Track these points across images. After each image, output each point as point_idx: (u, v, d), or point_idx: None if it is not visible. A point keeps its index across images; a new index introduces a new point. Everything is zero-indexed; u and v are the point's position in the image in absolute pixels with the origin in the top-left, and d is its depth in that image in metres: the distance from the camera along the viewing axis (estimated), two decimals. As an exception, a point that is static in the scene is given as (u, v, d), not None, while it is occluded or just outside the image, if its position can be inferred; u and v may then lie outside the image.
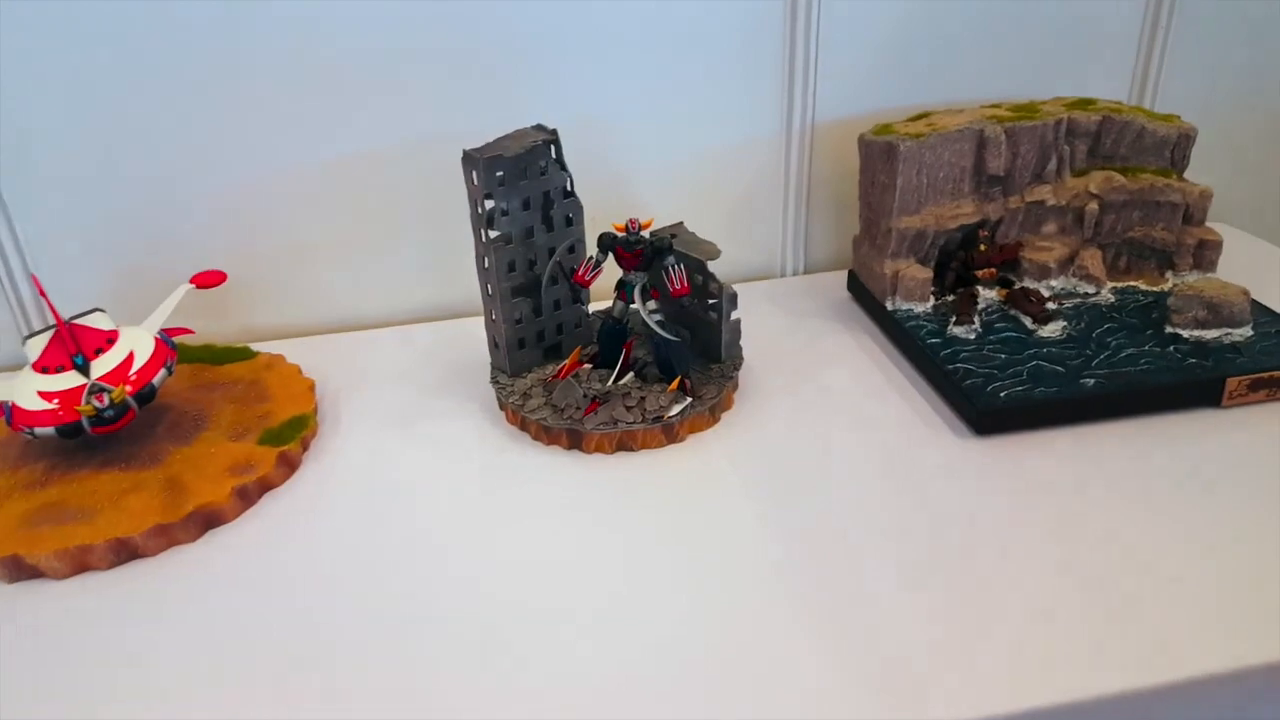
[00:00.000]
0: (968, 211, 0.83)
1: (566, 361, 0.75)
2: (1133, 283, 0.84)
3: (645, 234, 0.70)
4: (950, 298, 0.83)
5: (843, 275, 0.93)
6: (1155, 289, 0.83)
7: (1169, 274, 0.84)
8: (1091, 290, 0.83)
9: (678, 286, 0.69)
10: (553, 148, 0.73)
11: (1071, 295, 0.83)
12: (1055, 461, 0.67)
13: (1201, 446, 0.67)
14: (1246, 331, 0.75)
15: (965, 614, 0.55)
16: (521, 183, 0.71)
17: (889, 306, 0.83)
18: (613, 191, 0.93)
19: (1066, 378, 0.71)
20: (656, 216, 0.80)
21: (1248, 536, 0.59)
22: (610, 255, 0.71)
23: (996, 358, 0.74)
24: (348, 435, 0.73)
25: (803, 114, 0.92)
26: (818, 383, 0.78)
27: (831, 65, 0.91)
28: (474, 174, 0.70)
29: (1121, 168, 0.84)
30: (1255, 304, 0.78)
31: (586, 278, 0.71)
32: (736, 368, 0.75)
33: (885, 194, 0.82)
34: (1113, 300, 0.82)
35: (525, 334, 0.76)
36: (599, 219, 0.77)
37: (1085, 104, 0.85)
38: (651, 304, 0.71)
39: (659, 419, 0.69)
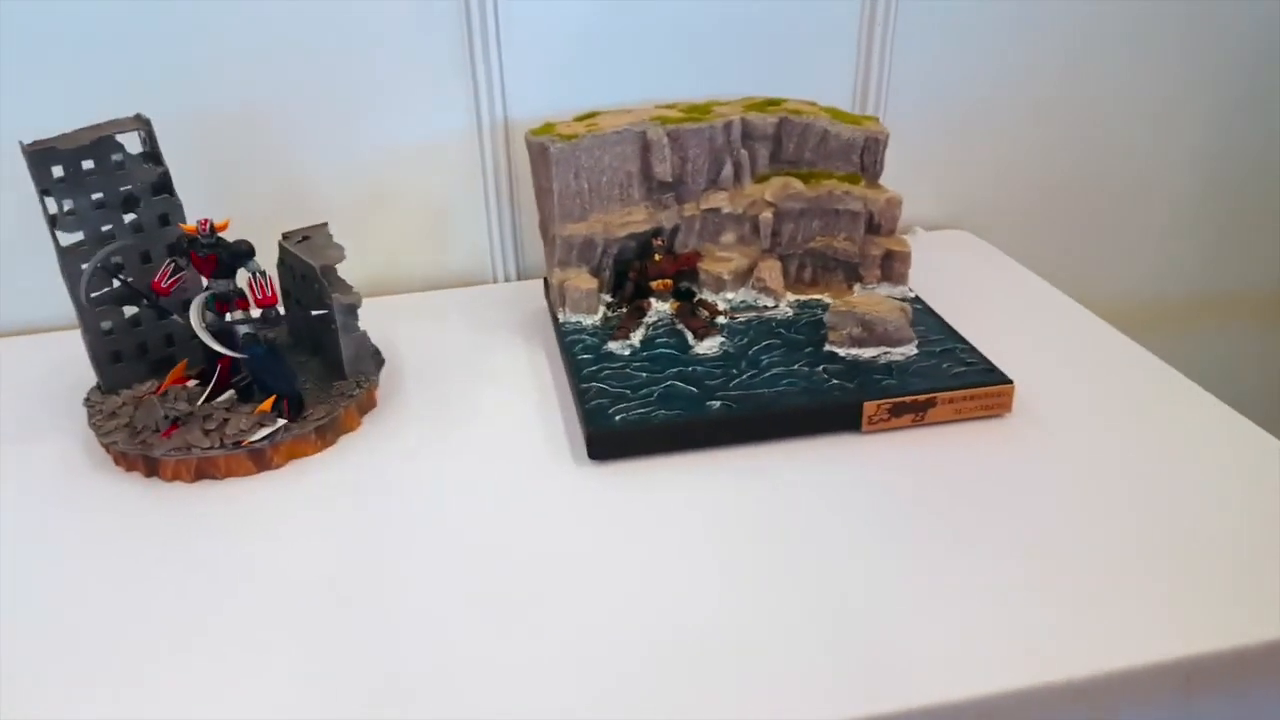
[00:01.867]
0: (639, 219, 0.78)
1: (169, 376, 0.67)
2: (818, 295, 0.80)
3: (223, 236, 0.62)
4: (625, 310, 0.78)
5: (546, 283, 0.88)
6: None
7: (856, 287, 0.80)
8: (771, 303, 0.78)
9: (259, 296, 0.62)
10: (144, 139, 0.65)
11: (751, 308, 0.78)
12: (665, 489, 0.61)
13: (826, 475, 0.63)
14: (909, 351, 0.71)
15: (536, 659, 0.49)
16: (91, 178, 0.63)
17: (560, 318, 0.77)
18: (287, 192, 0.86)
19: (695, 400, 0.66)
20: (342, 218, 0.74)
21: (855, 580, 0.55)
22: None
23: (638, 376, 0.69)
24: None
25: (490, 109, 0.86)
26: (469, 403, 0.72)
27: (518, 58, 0.85)
28: (32, 170, 0.61)
29: (807, 173, 0.80)
30: (939, 322, 0.75)
31: (164, 285, 0.63)
32: (362, 386, 0.69)
33: (547, 198, 0.76)
34: (790, 314, 0.77)
35: (121, 346, 0.68)
36: (271, 224, 0.71)
37: (770, 104, 0.81)
38: (239, 314, 0.63)
39: (239, 444, 0.62)
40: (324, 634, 0.51)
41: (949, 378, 0.67)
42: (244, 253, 0.62)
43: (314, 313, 0.65)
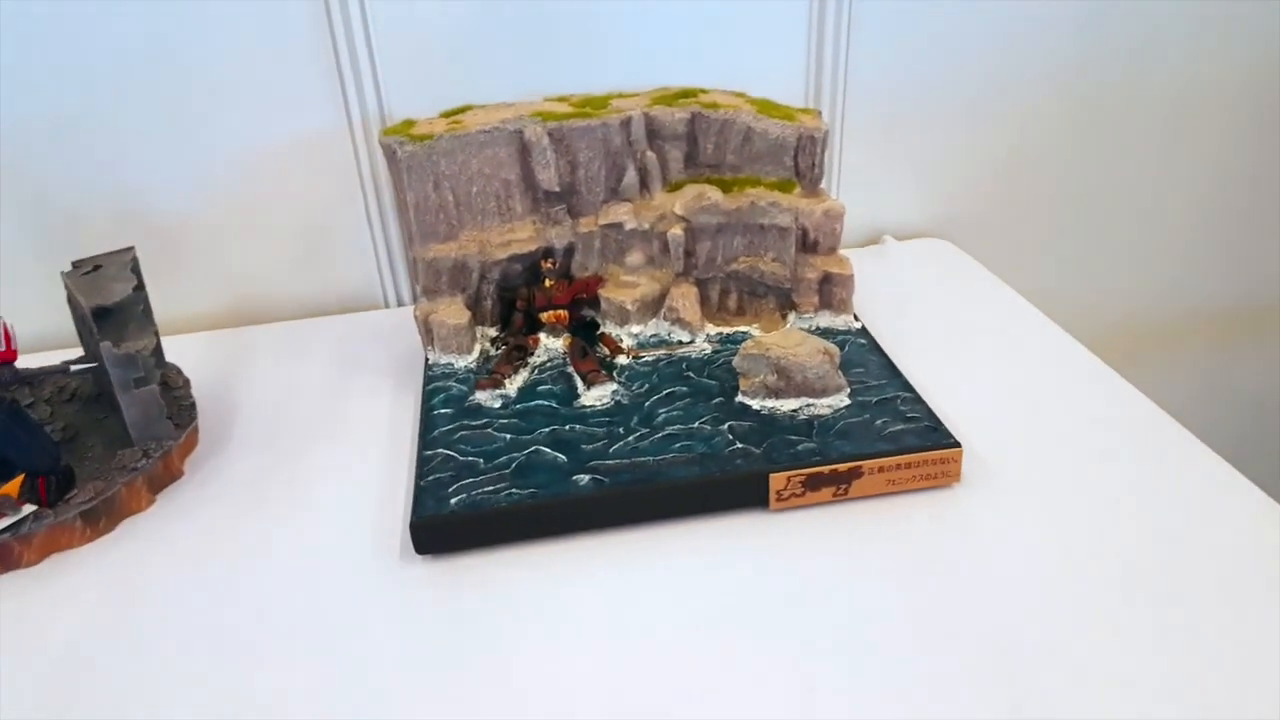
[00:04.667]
0: (524, 237, 0.64)
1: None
2: (744, 327, 0.66)
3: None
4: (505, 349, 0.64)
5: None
6: (771, 336, 0.65)
7: (791, 316, 0.66)
8: (686, 338, 0.64)
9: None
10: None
11: (663, 343, 0.64)
12: (509, 593, 0.48)
13: (718, 568, 0.48)
14: (838, 402, 0.56)
15: None
16: None
17: (429, 359, 0.64)
18: (122, 213, 0.73)
19: (561, 473, 0.52)
20: (196, 238, 0.62)
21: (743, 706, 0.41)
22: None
23: (500, 439, 0.55)
24: None
25: (362, 103, 0.72)
26: (299, 471, 0.58)
27: (394, 40, 0.71)
28: None
29: (730, 179, 0.65)
30: (884, 362, 0.60)
31: None
32: (152, 456, 0.55)
33: (404, 213, 0.62)
34: (707, 352, 0.63)
35: None
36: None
37: (685, 95, 0.66)
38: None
39: (-28, 538, 0.49)
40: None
41: (881, 439, 0.53)
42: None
43: (73, 366, 0.52)
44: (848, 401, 0.57)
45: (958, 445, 0.52)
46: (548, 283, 0.65)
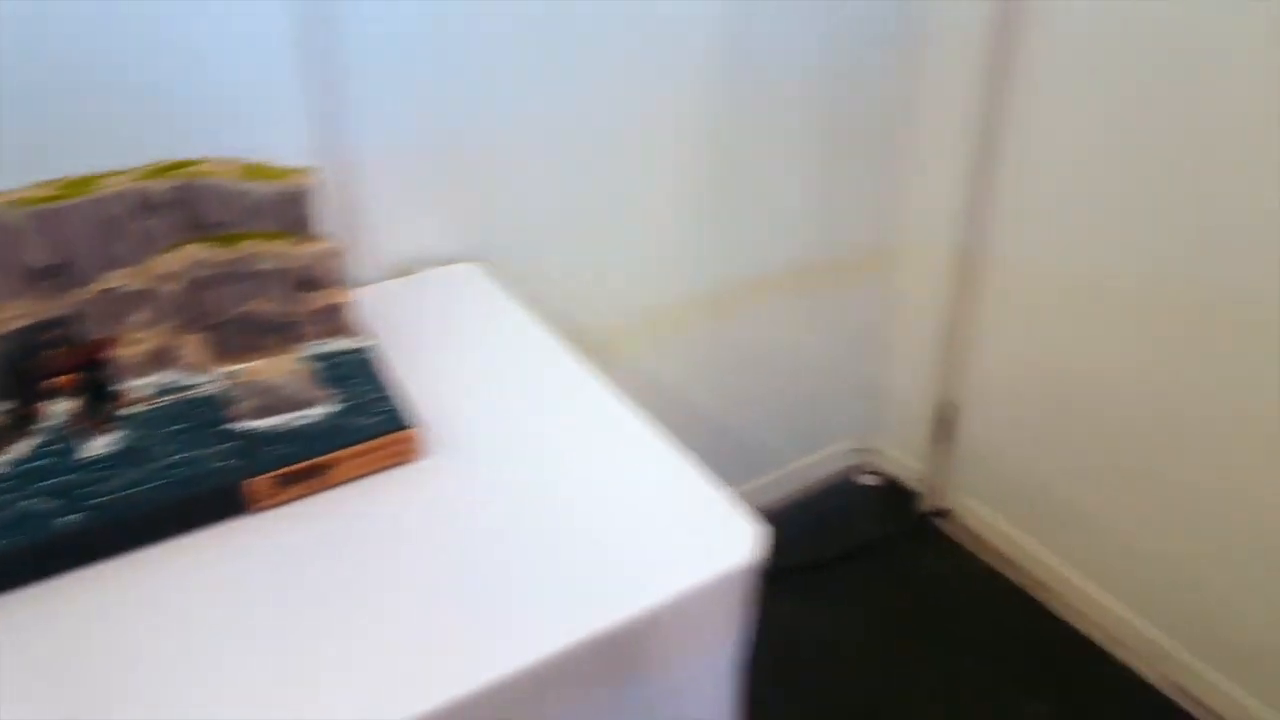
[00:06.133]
0: (19, 313, 0.68)
1: None
2: (253, 363, 0.74)
3: None
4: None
5: None
6: (284, 367, 0.74)
7: (307, 346, 0.76)
8: (200, 380, 0.72)
9: None
10: None
11: (179, 389, 0.71)
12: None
13: (201, 577, 0.57)
14: (328, 409, 0.67)
15: None
16: None
17: (-62, 441, 0.66)
18: None
19: (46, 518, 0.58)
20: None
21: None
22: None
23: (-4, 500, 0.60)
24: None
25: None
26: None
27: None
28: None
29: (226, 236, 0.74)
30: (373, 374, 0.71)
31: None
32: None
33: (-118, 307, 0.65)
34: (219, 390, 0.71)
35: None
36: None
37: (178, 167, 0.74)
38: None
39: None
40: None
41: (352, 433, 0.64)
42: None
43: None
44: (336, 408, 0.67)
45: (410, 427, 0.64)
46: (54, 352, 0.69)
